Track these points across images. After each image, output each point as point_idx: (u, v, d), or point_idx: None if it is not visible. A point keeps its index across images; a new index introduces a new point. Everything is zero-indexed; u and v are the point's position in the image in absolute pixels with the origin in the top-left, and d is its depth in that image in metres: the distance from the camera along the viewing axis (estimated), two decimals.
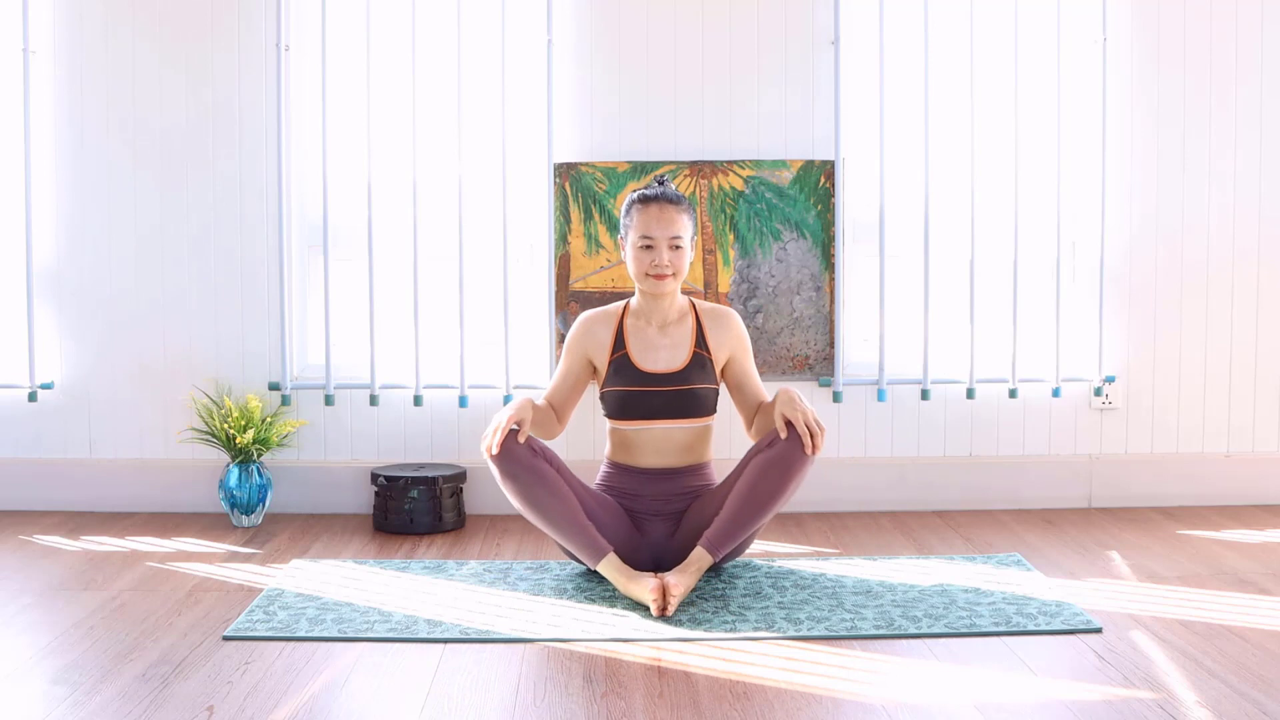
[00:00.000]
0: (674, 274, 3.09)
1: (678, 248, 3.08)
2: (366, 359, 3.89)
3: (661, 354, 3.15)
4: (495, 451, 2.94)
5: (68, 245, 3.90)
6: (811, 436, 2.95)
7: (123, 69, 3.86)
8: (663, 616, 2.80)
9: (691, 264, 3.81)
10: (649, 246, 3.07)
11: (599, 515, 3.07)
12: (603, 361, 3.18)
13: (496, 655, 2.59)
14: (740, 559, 3.29)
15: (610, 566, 2.96)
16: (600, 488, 3.21)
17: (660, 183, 3.15)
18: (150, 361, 3.92)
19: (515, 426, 2.97)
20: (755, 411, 3.20)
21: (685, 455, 3.16)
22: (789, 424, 2.97)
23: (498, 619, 2.81)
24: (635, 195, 3.14)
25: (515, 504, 3.00)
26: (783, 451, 2.96)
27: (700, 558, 2.96)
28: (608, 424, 3.20)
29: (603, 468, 3.25)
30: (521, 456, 2.95)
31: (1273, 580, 3.12)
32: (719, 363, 3.18)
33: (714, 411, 3.19)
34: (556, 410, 3.19)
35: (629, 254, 3.13)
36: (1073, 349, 3.99)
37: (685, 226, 3.09)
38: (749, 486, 2.97)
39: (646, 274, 3.09)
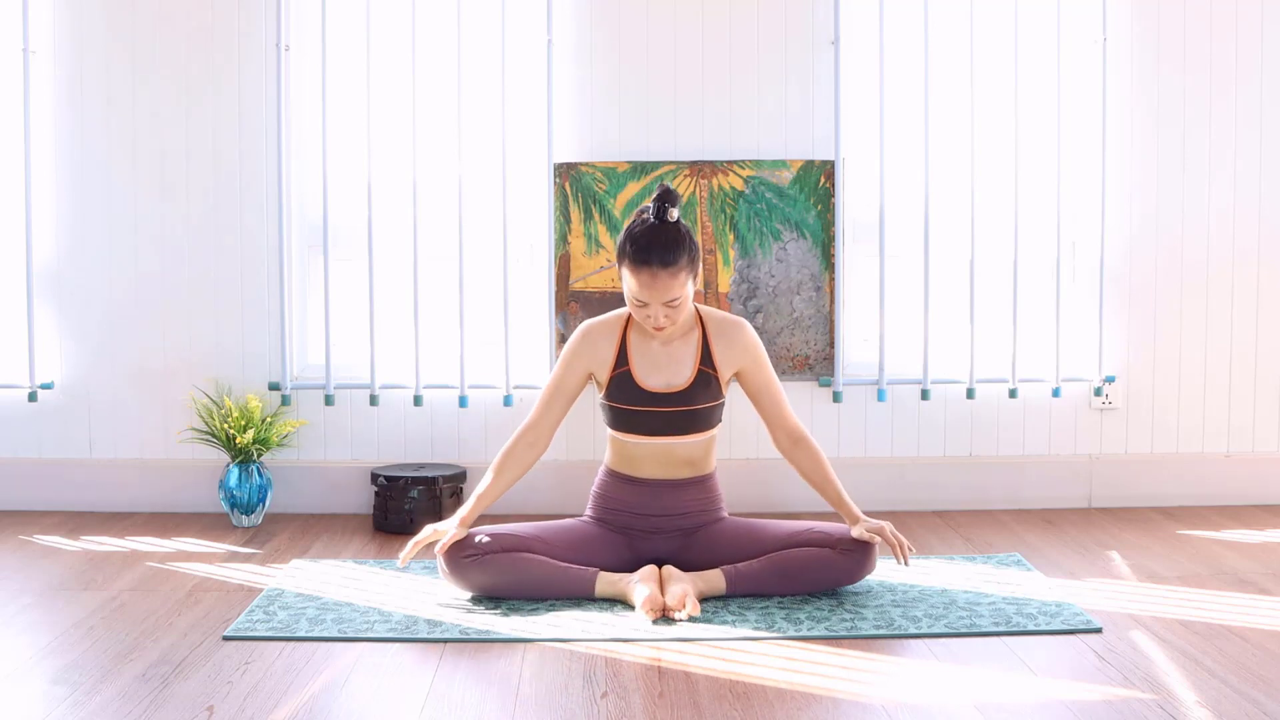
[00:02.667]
0: (672, 325, 2.98)
1: (674, 306, 2.94)
2: (366, 359, 3.89)
3: (664, 371, 3.04)
4: (442, 560, 2.93)
5: (68, 245, 3.90)
6: (902, 548, 2.94)
7: (123, 69, 3.86)
8: (663, 618, 2.80)
9: None
10: (643, 305, 2.95)
11: (580, 553, 3.01)
12: (604, 376, 3.07)
13: (496, 655, 2.59)
14: None
15: (606, 585, 2.93)
16: (596, 496, 3.14)
17: (659, 215, 2.91)
18: (150, 361, 3.92)
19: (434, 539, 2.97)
20: (780, 427, 3.11)
21: (687, 468, 3.08)
22: (861, 535, 2.93)
23: (498, 619, 2.81)
24: (629, 246, 2.92)
25: (484, 593, 2.95)
26: (847, 564, 2.94)
27: (715, 582, 2.94)
28: (608, 431, 3.13)
29: (600, 475, 3.16)
30: (460, 554, 2.92)
31: (1273, 580, 3.12)
32: (725, 378, 3.08)
33: (718, 423, 3.12)
34: (546, 428, 3.09)
35: (625, 293, 3.00)
36: (1073, 349, 3.98)
37: (682, 285, 2.91)
38: (798, 566, 2.94)
39: (643, 321, 3.00)
